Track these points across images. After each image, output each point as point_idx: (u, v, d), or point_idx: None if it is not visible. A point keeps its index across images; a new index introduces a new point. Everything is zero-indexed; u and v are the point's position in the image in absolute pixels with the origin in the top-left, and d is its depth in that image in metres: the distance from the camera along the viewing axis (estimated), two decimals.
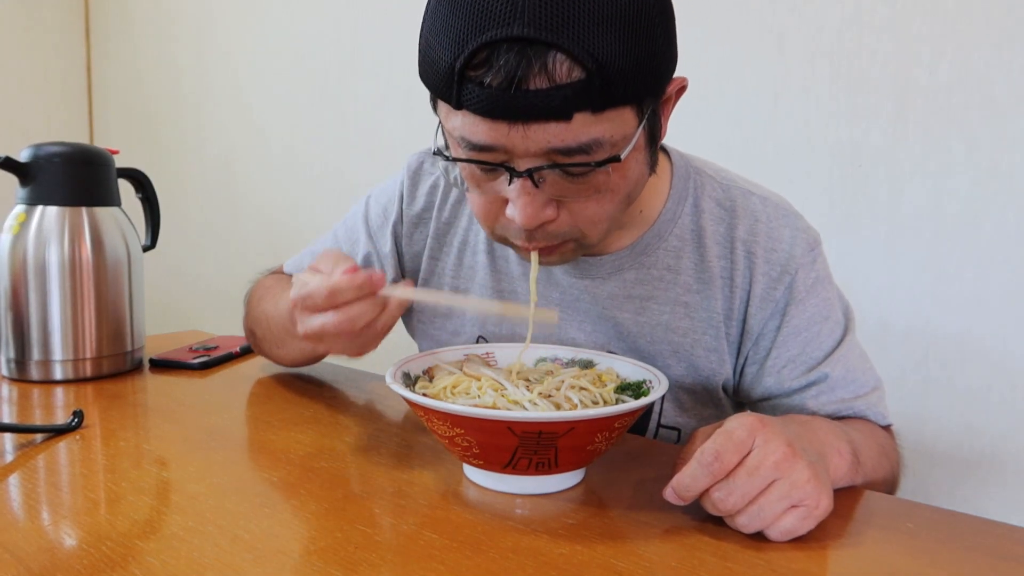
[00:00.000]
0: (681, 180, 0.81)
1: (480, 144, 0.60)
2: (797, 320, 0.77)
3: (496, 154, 0.61)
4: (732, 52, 1.33)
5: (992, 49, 1.11)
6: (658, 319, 0.80)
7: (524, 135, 0.58)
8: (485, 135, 0.59)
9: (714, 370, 0.80)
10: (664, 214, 0.80)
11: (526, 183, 0.61)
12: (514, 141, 0.59)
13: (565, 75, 0.55)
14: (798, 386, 0.78)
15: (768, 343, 0.79)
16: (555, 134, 0.58)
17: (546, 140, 0.58)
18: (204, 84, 2.44)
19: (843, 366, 0.78)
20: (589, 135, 0.59)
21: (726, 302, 0.79)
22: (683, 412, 0.82)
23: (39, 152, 0.95)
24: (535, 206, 0.63)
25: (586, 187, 0.63)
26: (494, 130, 0.59)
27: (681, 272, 0.80)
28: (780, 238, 0.78)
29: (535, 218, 0.63)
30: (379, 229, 0.93)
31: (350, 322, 0.62)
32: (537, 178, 0.61)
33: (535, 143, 0.58)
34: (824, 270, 0.80)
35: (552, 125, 0.57)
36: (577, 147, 0.59)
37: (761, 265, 0.78)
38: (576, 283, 0.82)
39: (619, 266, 0.81)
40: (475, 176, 0.65)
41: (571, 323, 0.83)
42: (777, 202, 0.81)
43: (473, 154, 0.62)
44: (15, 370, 0.95)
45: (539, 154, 0.59)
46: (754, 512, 0.54)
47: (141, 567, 0.49)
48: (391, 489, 0.63)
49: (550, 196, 0.64)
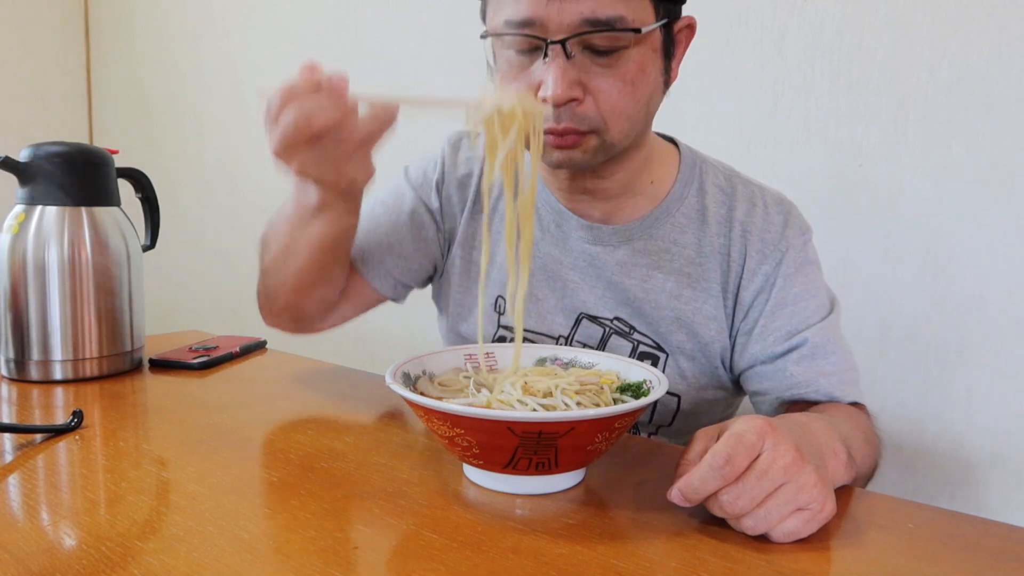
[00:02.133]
0: (688, 166, 0.89)
1: (520, 19, 0.71)
2: (784, 294, 0.84)
3: (534, 28, 0.71)
4: (732, 52, 1.33)
5: (992, 49, 1.11)
6: (663, 286, 0.86)
7: (559, 7, 0.70)
8: (526, 9, 0.71)
9: (713, 337, 0.86)
10: (672, 194, 0.88)
11: (558, 53, 0.71)
12: (551, 13, 0.70)
13: None
14: (780, 350, 0.83)
15: (756, 314, 0.85)
16: (586, 6, 0.70)
17: (578, 11, 0.70)
18: (204, 84, 2.44)
19: (823, 335, 0.83)
20: (615, 10, 0.70)
21: (723, 276, 0.86)
22: (683, 379, 0.88)
23: (38, 152, 0.95)
24: (566, 79, 0.72)
25: (611, 69, 0.73)
26: (534, 4, 0.70)
27: (685, 246, 0.87)
28: (774, 221, 0.86)
29: (566, 91, 0.72)
30: (422, 186, 0.96)
31: (306, 120, 0.62)
32: (569, 49, 0.71)
33: (568, 14, 0.70)
34: (814, 256, 0.87)
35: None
36: (605, 20, 0.70)
37: (755, 243, 0.85)
38: (588, 249, 0.89)
39: (629, 236, 0.87)
40: (513, 63, 0.75)
41: (582, 287, 0.89)
42: (774, 193, 0.89)
43: (515, 30, 0.72)
44: (14, 370, 0.95)
45: (571, 26, 0.70)
46: (760, 515, 0.54)
47: (141, 567, 0.49)
48: (391, 489, 0.63)
49: (579, 75, 0.73)
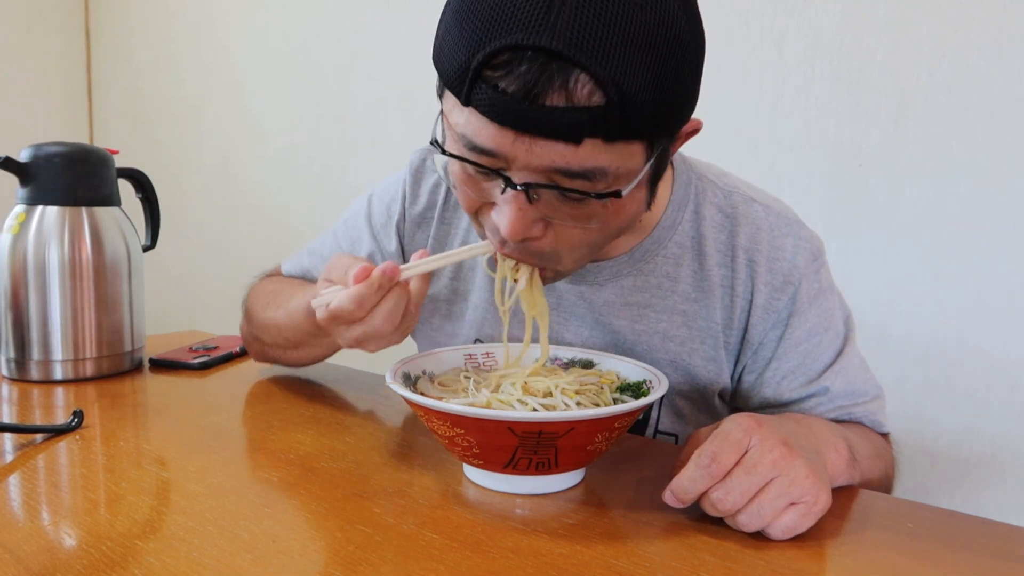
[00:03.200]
0: (682, 186, 0.80)
1: (481, 147, 0.57)
2: (799, 331, 0.77)
3: (495, 160, 0.58)
4: (732, 53, 1.33)
5: (992, 49, 1.11)
6: (655, 327, 0.79)
7: (529, 149, 0.56)
8: (489, 139, 0.56)
9: (711, 379, 0.79)
10: (664, 220, 0.79)
11: (520, 197, 0.59)
12: (517, 152, 0.56)
13: (585, 98, 0.52)
14: (796, 397, 0.78)
15: (768, 353, 0.78)
16: (561, 155, 0.55)
17: (550, 159, 0.56)
18: (204, 84, 2.44)
19: (843, 379, 0.77)
20: (595, 162, 0.56)
21: (726, 311, 0.78)
22: (680, 419, 0.82)
23: (39, 152, 0.95)
24: (524, 221, 0.60)
25: (579, 213, 0.61)
26: (500, 136, 0.56)
27: (680, 280, 0.79)
28: (783, 247, 0.77)
29: (521, 233, 0.61)
30: (383, 227, 0.92)
31: (390, 320, 0.63)
32: (533, 195, 0.59)
33: (538, 159, 0.56)
34: (827, 280, 0.80)
35: (560, 145, 0.55)
36: (581, 172, 0.56)
37: (763, 274, 0.76)
38: (573, 288, 0.81)
39: (617, 272, 0.79)
40: (467, 175, 0.63)
41: (568, 328, 0.82)
42: (780, 210, 0.80)
43: (472, 155, 0.59)
44: (15, 370, 0.95)
45: (540, 170, 0.57)
46: (754, 510, 0.54)
47: (141, 567, 0.49)
48: (391, 489, 0.63)
49: (541, 214, 0.61)
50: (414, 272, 0.64)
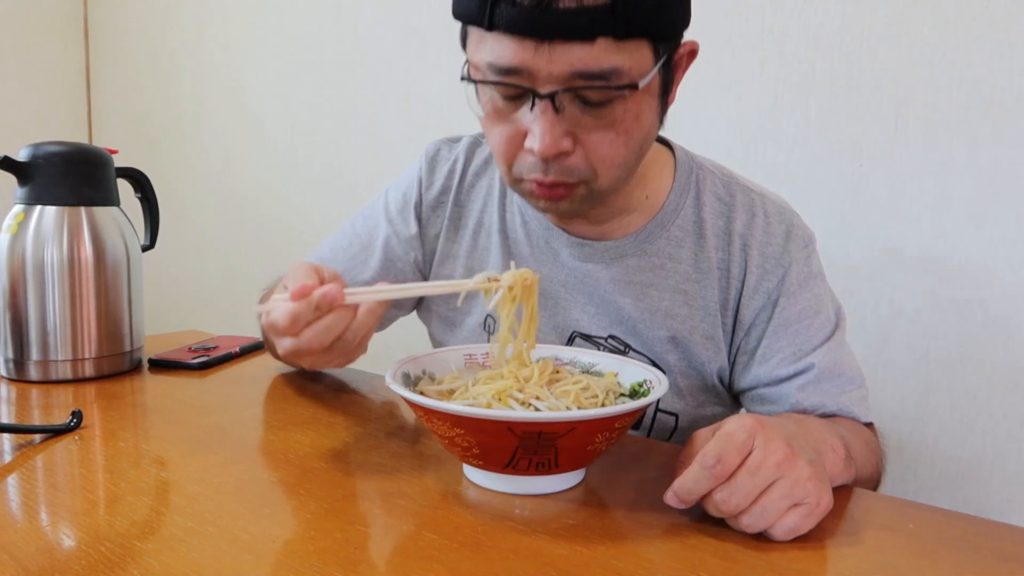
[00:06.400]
0: (684, 174, 0.84)
1: (506, 67, 0.64)
2: (788, 312, 0.80)
3: (521, 78, 0.64)
4: (732, 52, 1.33)
5: (992, 49, 1.11)
6: (658, 305, 0.82)
7: (549, 56, 0.62)
8: (512, 57, 0.63)
9: (710, 358, 0.83)
10: (667, 205, 0.83)
11: (547, 107, 0.65)
12: (539, 63, 0.62)
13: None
14: (785, 374, 0.80)
15: (759, 333, 0.81)
16: (579, 57, 0.62)
17: (569, 63, 0.62)
18: (203, 84, 2.44)
19: (830, 359, 0.80)
20: (610, 62, 0.62)
21: (722, 293, 0.82)
22: (680, 398, 0.85)
23: (38, 152, 0.95)
24: (554, 133, 0.66)
25: (602, 122, 0.67)
26: (521, 51, 0.62)
27: (681, 261, 0.82)
28: (776, 233, 0.81)
29: (553, 146, 0.66)
30: (400, 213, 0.94)
31: (318, 340, 0.63)
32: (558, 103, 0.64)
33: (558, 65, 0.62)
34: (817, 268, 0.83)
35: (576, 47, 0.61)
36: (598, 72, 0.63)
37: (756, 257, 0.80)
38: (580, 266, 0.85)
39: (622, 252, 0.83)
40: (498, 107, 0.68)
41: (575, 305, 0.85)
42: (775, 199, 0.84)
43: (500, 77, 0.65)
44: (14, 370, 0.95)
45: (562, 78, 0.63)
46: (757, 512, 0.54)
47: (140, 568, 0.49)
48: (391, 489, 0.63)
49: (568, 127, 0.66)
50: (359, 299, 0.64)
